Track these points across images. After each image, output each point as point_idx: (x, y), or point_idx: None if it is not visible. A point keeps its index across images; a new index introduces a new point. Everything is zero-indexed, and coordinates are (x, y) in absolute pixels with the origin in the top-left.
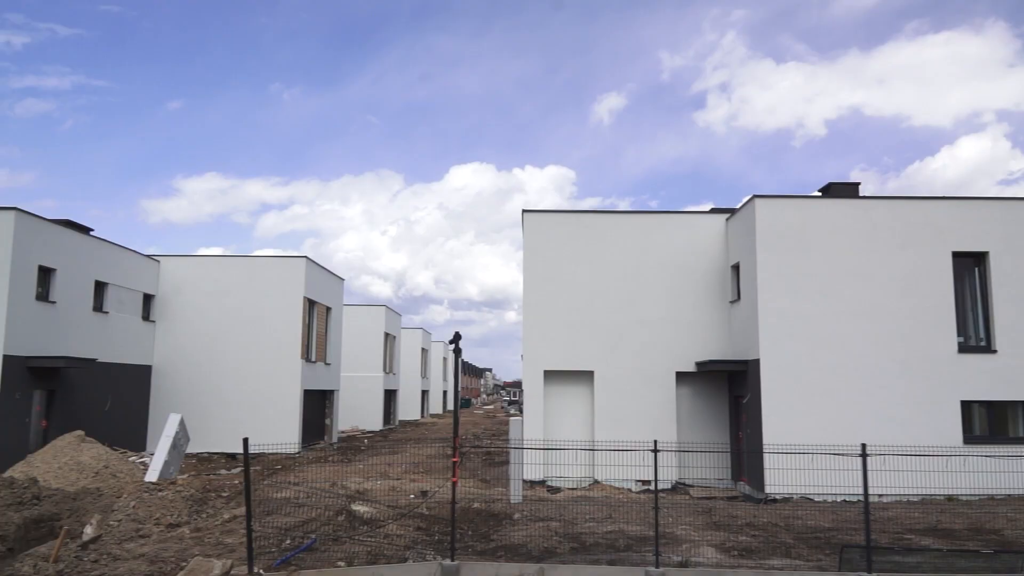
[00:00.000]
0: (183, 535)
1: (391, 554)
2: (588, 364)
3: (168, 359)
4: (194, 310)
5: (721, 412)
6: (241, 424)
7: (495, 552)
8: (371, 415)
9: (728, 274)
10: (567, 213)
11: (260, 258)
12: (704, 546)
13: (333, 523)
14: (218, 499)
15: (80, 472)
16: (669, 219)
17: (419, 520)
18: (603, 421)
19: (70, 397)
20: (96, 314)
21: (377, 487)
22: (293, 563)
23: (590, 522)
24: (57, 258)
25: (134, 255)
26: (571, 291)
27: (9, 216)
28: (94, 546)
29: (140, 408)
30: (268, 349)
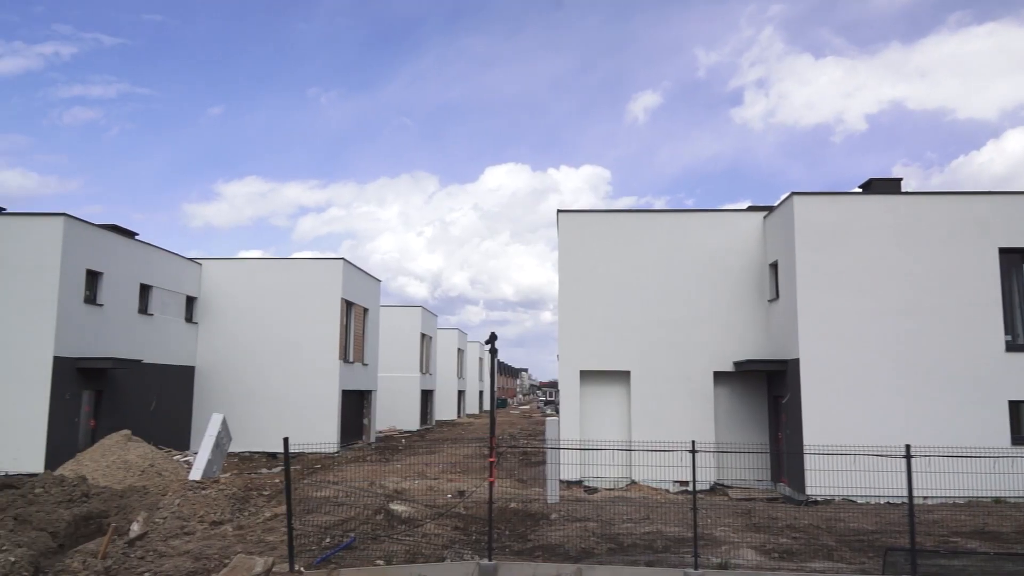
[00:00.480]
0: (226, 533)
1: (429, 553)
2: (624, 364)
3: (210, 360)
4: (235, 312)
5: (760, 412)
6: (281, 424)
7: (532, 552)
8: (408, 415)
9: (766, 272)
10: (602, 213)
11: (298, 260)
12: (744, 548)
13: (372, 522)
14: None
15: (127, 470)
16: (705, 217)
17: (456, 520)
18: (640, 421)
19: (117, 397)
20: (141, 316)
21: (415, 487)
22: (333, 561)
23: (627, 523)
24: (104, 262)
25: (177, 258)
26: (607, 291)
27: (58, 222)
28: (140, 543)
29: (184, 408)
30: (307, 350)
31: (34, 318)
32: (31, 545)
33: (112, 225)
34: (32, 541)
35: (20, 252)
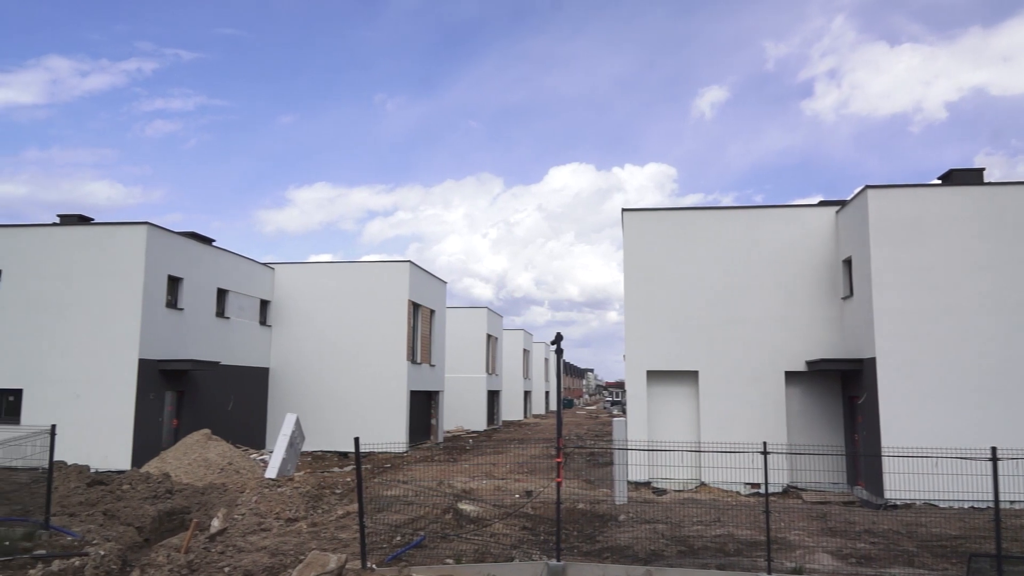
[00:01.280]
0: (301, 529)
1: (498, 553)
2: (692, 364)
3: (283, 361)
4: (306, 314)
5: (834, 413)
6: (352, 424)
7: (601, 553)
8: (475, 415)
9: (839, 269)
10: (668, 211)
11: (366, 264)
12: (819, 552)
13: (441, 521)
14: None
15: (207, 468)
16: (775, 213)
17: (524, 520)
18: (709, 422)
19: (197, 398)
20: (219, 320)
21: (482, 486)
22: (404, 559)
23: (697, 525)
24: (184, 268)
25: (251, 263)
26: (673, 290)
27: (142, 230)
28: (220, 538)
29: (259, 408)
30: (375, 351)
31: (120, 322)
32: (119, 539)
33: (191, 232)
34: (120, 535)
35: (107, 259)
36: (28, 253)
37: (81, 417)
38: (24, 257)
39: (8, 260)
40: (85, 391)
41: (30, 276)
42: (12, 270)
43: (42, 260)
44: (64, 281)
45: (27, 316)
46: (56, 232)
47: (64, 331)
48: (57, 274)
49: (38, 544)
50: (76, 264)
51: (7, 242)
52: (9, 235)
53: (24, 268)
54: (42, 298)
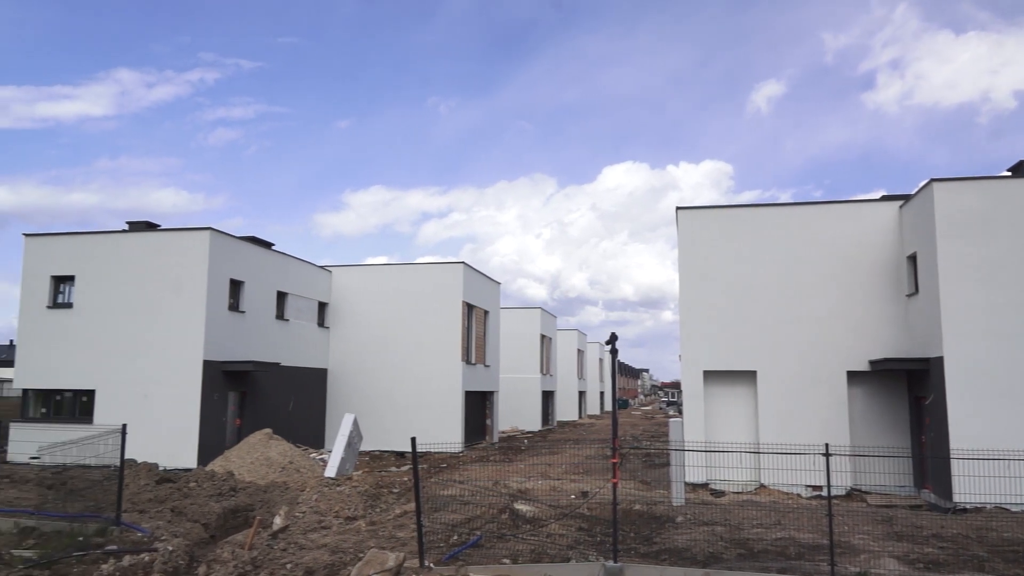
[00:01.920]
0: (360, 528)
1: (554, 553)
2: (750, 364)
3: (341, 362)
4: (363, 316)
5: (900, 414)
6: (408, 424)
7: (658, 555)
8: (530, 416)
9: (903, 265)
10: (723, 208)
11: (421, 265)
12: (885, 557)
13: (497, 521)
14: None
15: (269, 467)
16: (835, 209)
17: (580, 520)
18: (768, 423)
19: (258, 398)
20: (278, 322)
21: (538, 487)
22: (461, 558)
23: (757, 528)
24: (245, 271)
25: (309, 266)
26: (730, 288)
27: (205, 235)
28: (282, 535)
29: (318, 408)
30: (431, 352)
31: (186, 325)
32: (186, 535)
33: (251, 237)
34: (187, 531)
35: (173, 264)
36: (100, 259)
37: (150, 417)
38: (96, 263)
39: (81, 266)
40: (153, 392)
41: (102, 281)
42: (85, 275)
43: (113, 265)
44: (133, 285)
45: (99, 319)
46: (125, 238)
47: (133, 334)
48: (126, 279)
49: (110, 540)
50: (144, 269)
51: (80, 249)
52: (82, 242)
53: (96, 273)
54: (113, 302)
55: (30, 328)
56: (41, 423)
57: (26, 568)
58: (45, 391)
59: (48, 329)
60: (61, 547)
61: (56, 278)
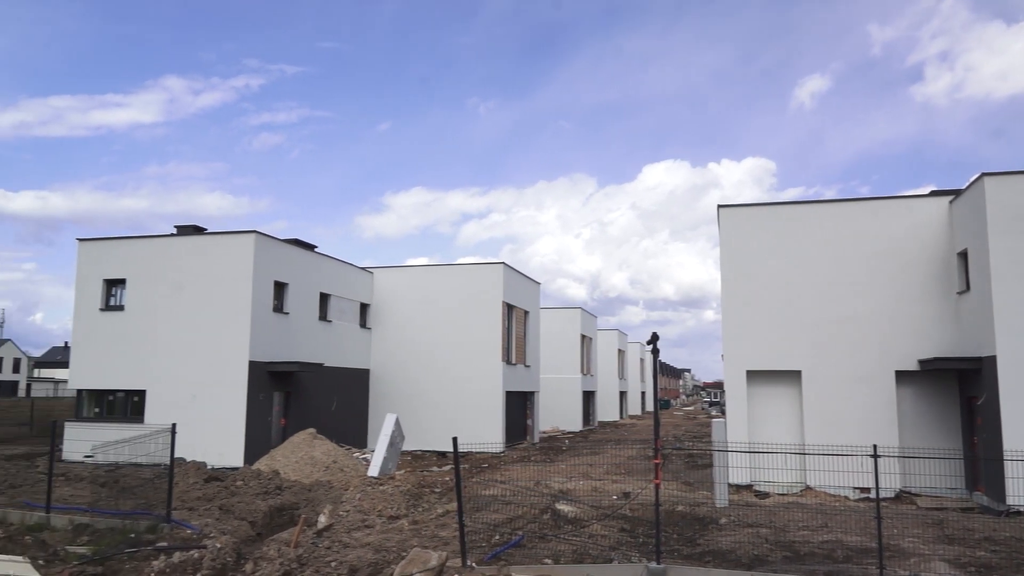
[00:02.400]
0: (402, 527)
1: (596, 554)
2: (794, 363)
3: (383, 363)
4: (404, 317)
5: (951, 414)
6: (449, 424)
7: (702, 557)
8: (570, 416)
9: (954, 262)
10: (766, 206)
11: (461, 266)
12: (935, 561)
13: (539, 521)
14: (431, 494)
15: (313, 466)
16: (882, 205)
17: (622, 521)
18: (813, 423)
19: (302, 398)
20: (321, 323)
21: (579, 487)
22: (503, 558)
23: (803, 530)
24: (289, 273)
25: (351, 268)
26: (773, 287)
27: (250, 238)
28: (327, 533)
29: (360, 408)
30: (471, 352)
31: (232, 326)
32: (234, 533)
33: (295, 239)
34: (234, 529)
35: (219, 267)
36: (149, 262)
37: (198, 416)
38: (146, 266)
39: (132, 269)
40: (201, 392)
41: (151, 284)
42: (135, 278)
43: (162, 268)
44: (181, 288)
45: (149, 321)
46: (173, 242)
47: (182, 335)
48: (175, 281)
49: (160, 536)
50: (192, 272)
51: (131, 252)
52: (132, 246)
53: (146, 276)
54: (162, 304)
55: (84, 330)
56: (95, 422)
57: (80, 564)
58: (98, 391)
59: (101, 331)
60: (114, 544)
61: (108, 281)
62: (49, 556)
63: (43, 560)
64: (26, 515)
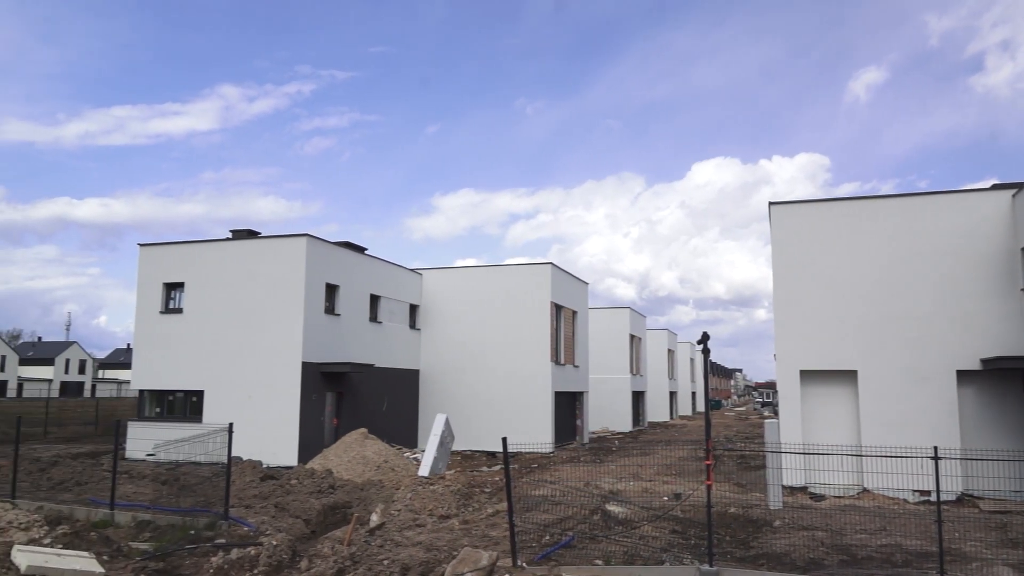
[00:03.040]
0: (453, 526)
1: (647, 555)
2: (849, 363)
3: (432, 363)
4: (453, 317)
5: (1016, 415)
6: (498, 424)
7: (756, 560)
8: (620, 416)
9: (1017, 258)
10: (818, 202)
11: (509, 267)
12: (998, 565)
13: (589, 522)
14: (481, 494)
15: (365, 465)
16: (940, 200)
17: (674, 523)
18: (870, 424)
19: (354, 398)
20: (372, 324)
21: (630, 488)
22: (553, 558)
23: (861, 533)
24: (340, 275)
25: (401, 270)
26: (827, 285)
27: (302, 242)
28: (379, 532)
29: (410, 408)
30: (520, 353)
31: (285, 328)
32: (289, 530)
33: (346, 242)
34: (290, 527)
35: (273, 270)
36: (206, 266)
37: (254, 416)
38: (203, 270)
39: (190, 273)
40: (256, 392)
41: (208, 287)
42: (193, 282)
43: (218, 272)
44: (237, 291)
45: (207, 323)
46: (229, 246)
47: (237, 337)
48: (231, 284)
49: (219, 533)
50: (246, 275)
51: (188, 257)
52: (190, 251)
53: (203, 280)
54: (219, 307)
55: (145, 333)
56: (156, 422)
57: (143, 560)
58: (159, 392)
59: (161, 333)
60: (175, 540)
61: (167, 285)
62: (113, 552)
63: (107, 556)
64: (92, 512)
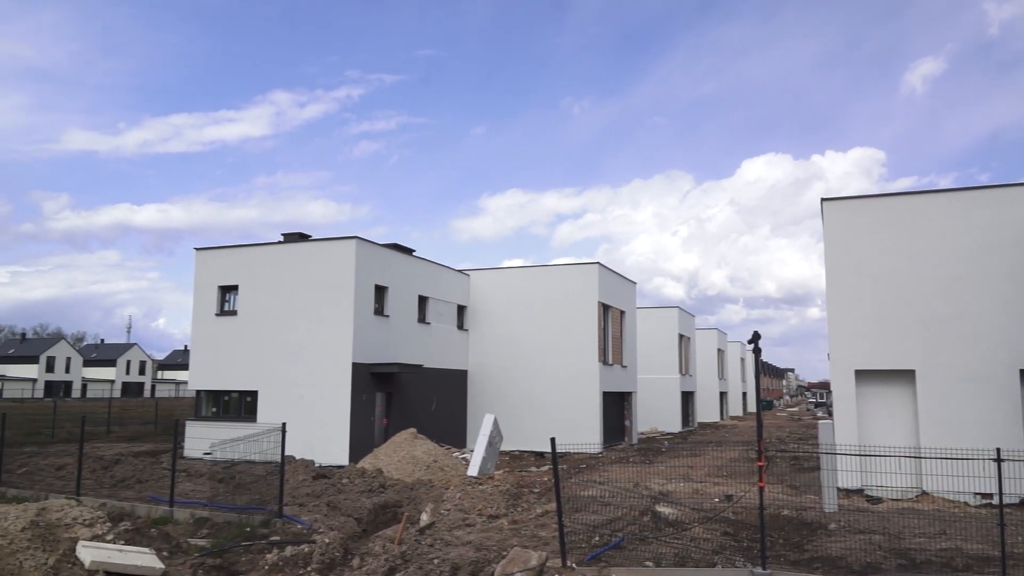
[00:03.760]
0: (502, 526)
1: (699, 558)
2: (906, 362)
3: (480, 364)
4: (500, 318)
5: None
6: (546, 424)
7: (810, 563)
8: (669, 417)
9: None
10: (873, 198)
11: (556, 267)
12: None
13: (639, 523)
14: (530, 494)
15: (414, 465)
16: (1004, 193)
17: (725, 525)
18: (929, 425)
19: (403, 399)
20: (420, 325)
21: (680, 489)
22: (603, 559)
23: (919, 537)
24: (389, 277)
25: (448, 271)
26: (883, 282)
27: (351, 244)
28: (429, 531)
29: (459, 409)
30: (567, 353)
31: (336, 329)
32: (341, 529)
33: (394, 244)
34: (341, 525)
35: (323, 272)
36: (259, 269)
37: (306, 416)
38: (256, 273)
39: (243, 276)
40: (307, 392)
41: (261, 289)
42: (247, 285)
43: (271, 275)
44: (289, 293)
45: (260, 325)
46: (281, 249)
47: (289, 338)
48: (283, 287)
49: (273, 531)
50: (298, 277)
51: (242, 260)
52: (244, 254)
53: (256, 282)
54: (271, 309)
55: (201, 334)
56: (212, 421)
57: (201, 556)
58: (215, 392)
59: (216, 335)
60: (231, 537)
61: (222, 287)
62: (173, 548)
63: (167, 552)
64: (152, 509)
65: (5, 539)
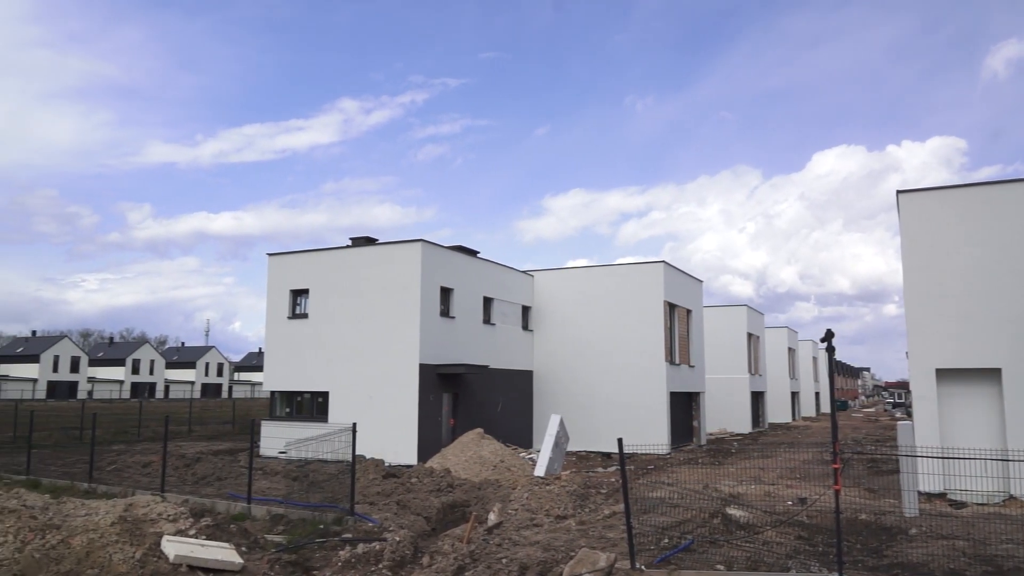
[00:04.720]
0: (569, 527)
1: (771, 562)
2: (992, 361)
3: (545, 364)
4: (565, 318)
5: None
6: (613, 425)
7: (889, 569)
8: (738, 417)
9: None
10: (952, 189)
11: (621, 266)
12: None
13: (708, 525)
14: (597, 495)
15: (481, 465)
16: None
17: (799, 528)
18: (1016, 426)
19: (470, 399)
20: (485, 326)
21: (751, 491)
22: (672, 562)
23: (1007, 543)
24: (454, 279)
25: (512, 272)
26: (964, 277)
27: (417, 247)
28: (497, 531)
29: (525, 409)
30: (633, 353)
31: (403, 330)
32: (411, 527)
33: (458, 246)
34: (411, 524)
35: (390, 275)
36: (328, 273)
37: (375, 416)
38: (326, 277)
39: (314, 279)
40: (376, 393)
41: (331, 293)
42: (317, 288)
43: (339, 278)
44: (357, 296)
45: (330, 327)
46: (349, 253)
47: (358, 340)
48: (351, 290)
49: (345, 528)
50: (366, 280)
51: (312, 264)
52: (313, 258)
53: (326, 286)
54: (341, 311)
55: (274, 337)
56: (286, 421)
57: (277, 552)
58: (288, 393)
59: (289, 337)
60: (305, 534)
61: (294, 291)
62: (250, 544)
63: (245, 547)
64: (231, 505)
65: (96, 533)
